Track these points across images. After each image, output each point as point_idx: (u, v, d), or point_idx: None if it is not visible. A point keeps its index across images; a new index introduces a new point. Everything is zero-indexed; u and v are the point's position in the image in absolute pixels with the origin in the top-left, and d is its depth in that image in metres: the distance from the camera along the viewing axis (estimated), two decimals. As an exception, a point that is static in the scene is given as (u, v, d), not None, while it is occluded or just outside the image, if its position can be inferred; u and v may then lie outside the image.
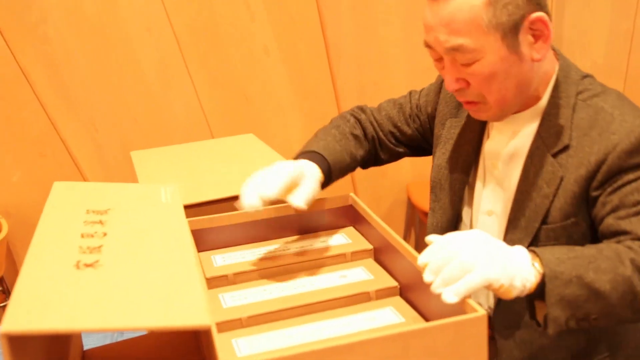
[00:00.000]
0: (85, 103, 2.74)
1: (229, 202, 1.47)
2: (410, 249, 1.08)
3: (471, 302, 0.91)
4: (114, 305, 0.81)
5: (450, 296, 0.93)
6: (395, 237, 1.14)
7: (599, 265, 1.03)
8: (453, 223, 1.39)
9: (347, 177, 2.88)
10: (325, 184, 1.32)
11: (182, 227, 1.09)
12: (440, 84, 1.47)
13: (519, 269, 1.00)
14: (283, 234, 1.35)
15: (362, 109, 1.54)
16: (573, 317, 1.04)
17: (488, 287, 0.96)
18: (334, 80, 3.02)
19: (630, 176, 1.14)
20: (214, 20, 2.79)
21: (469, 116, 1.35)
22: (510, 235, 1.26)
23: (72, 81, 2.71)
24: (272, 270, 1.21)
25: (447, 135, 1.41)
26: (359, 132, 1.48)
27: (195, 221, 1.28)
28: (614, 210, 1.14)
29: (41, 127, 2.71)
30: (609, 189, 1.15)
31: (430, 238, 1.02)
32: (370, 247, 1.26)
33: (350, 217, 1.38)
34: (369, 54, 3.06)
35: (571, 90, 1.23)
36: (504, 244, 1.02)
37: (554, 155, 1.20)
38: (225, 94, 2.88)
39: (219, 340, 0.86)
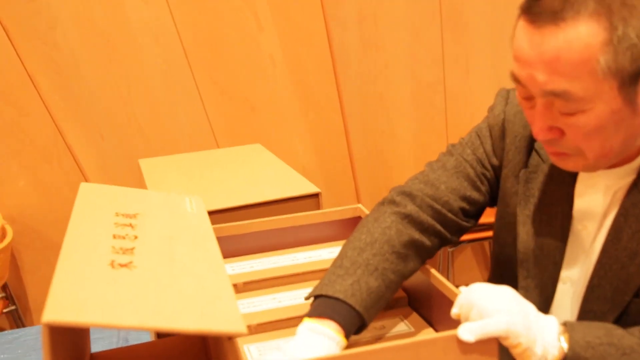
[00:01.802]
0: (91, 110, 2.75)
1: (238, 211, 1.48)
2: (419, 260, 1.09)
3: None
4: (151, 305, 0.82)
5: (464, 333, 0.85)
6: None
7: (633, 355, 0.90)
8: (550, 300, 1.12)
9: (350, 183, 2.89)
10: (355, 333, 1.02)
11: (209, 235, 1.10)
12: (501, 127, 1.17)
13: (544, 337, 0.90)
14: (292, 244, 1.36)
15: (407, 194, 1.15)
16: None
17: (506, 342, 0.87)
18: (339, 92, 3.04)
19: None
20: (221, 31, 2.81)
21: (551, 167, 1.09)
22: (591, 305, 1.06)
23: (79, 88, 2.72)
24: (281, 279, 1.22)
25: (525, 192, 1.13)
26: (408, 248, 1.09)
27: (205, 229, 1.29)
28: None
29: (47, 133, 2.72)
30: None
31: (461, 289, 0.94)
32: (379, 258, 1.27)
33: (359, 228, 1.39)
34: (374, 67, 3.08)
35: None
36: (534, 308, 0.92)
37: None
38: (232, 104, 2.89)
39: (236, 346, 0.87)
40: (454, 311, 0.92)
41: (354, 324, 0.99)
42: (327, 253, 1.31)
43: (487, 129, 1.18)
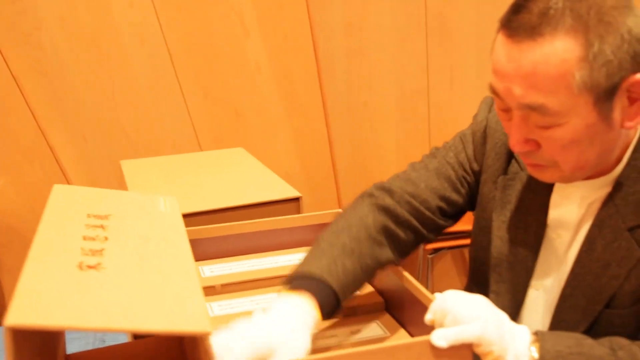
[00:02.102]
0: (75, 112, 2.74)
1: (219, 214, 1.48)
2: (397, 265, 1.10)
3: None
4: (118, 306, 0.83)
5: (438, 339, 0.86)
6: (383, 253, 1.15)
7: None
8: (521, 306, 1.14)
9: (332, 190, 2.89)
10: (330, 314, 1.01)
11: (181, 236, 1.11)
12: (483, 132, 1.19)
13: (515, 346, 0.90)
14: (272, 247, 1.36)
15: (386, 189, 1.17)
16: None
17: (478, 349, 0.88)
18: (324, 99, 3.05)
19: None
20: (207, 35, 2.81)
21: (529, 175, 1.10)
22: (564, 314, 1.07)
23: (63, 90, 2.71)
24: (260, 282, 1.22)
25: (502, 197, 1.14)
26: (382, 235, 1.11)
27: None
28: None
29: (30, 134, 2.71)
30: None
31: (435, 295, 0.94)
32: (357, 262, 1.28)
33: (338, 232, 1.39)
34: (359, 75, 3.09)
35: None
36: (507, 318, 0.93)
37: (631, 230, 0.99)
38: (216, 109, 2.89)
39: (208, 347, 0.87)
40: (428, 317, 0.93)
41: (330, 303, 0.98)
42: (306, 257, 1.31)
43: (470, 134, 1.20)
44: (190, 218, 1.44)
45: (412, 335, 1.07)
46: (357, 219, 1.11)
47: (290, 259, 1.30)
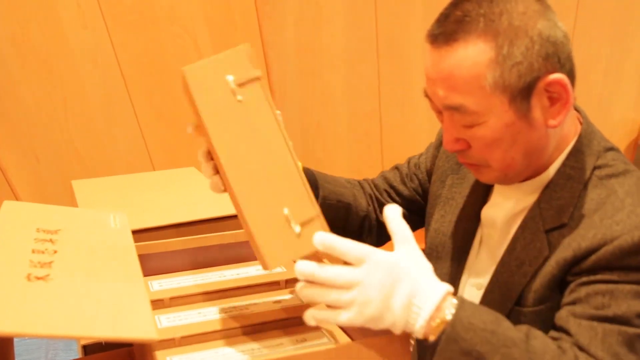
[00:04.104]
0: (27, 133, 2.73)
1: (169, 229, 1.49)
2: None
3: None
4: (65, 314, 0.84)
5: (309, 318, 0.93)
6: (329, 264, 1.18)
7: (512, 353, 0.90)
8: None
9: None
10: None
11: (130, 250, 1.12)
12: (440, 138, 1.28)
13: (405, 322, 0.91)
14: (220, 261, 1.38)
15: (364, 179, 1.39)
16: None
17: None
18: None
19: (613, 277, 0.97)
20: (160, 56, 2.83)
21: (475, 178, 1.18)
22: None
23: (15, 110, 2.70)
24: (207, 295, 1.24)
25: (447, 194, 1.23)
26: (359, 186, 1.33)
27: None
28: (574, 302, 0.99)
29: (-20, 155, 2.69)
30: (585, 279, 0.99)
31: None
32: (305, 275, 1.30)
33: (287, 247, 1.41)
34: (312, 97, 3.13)
35: (589, 163, 1.05)
36: (413, 289, 0.91)
37: (547, 232, 1.04)
38: (169, 129, 2.90)
39: (157, 356, 0.89)
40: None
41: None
42: (254, 270, 1.33)
43: (435, 140, 1.33)
44: (140, 234, 1.45)
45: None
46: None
47: (238, 272, 1.32)
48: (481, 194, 1.17)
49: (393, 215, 0.96)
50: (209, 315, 1.16)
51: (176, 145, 2.92)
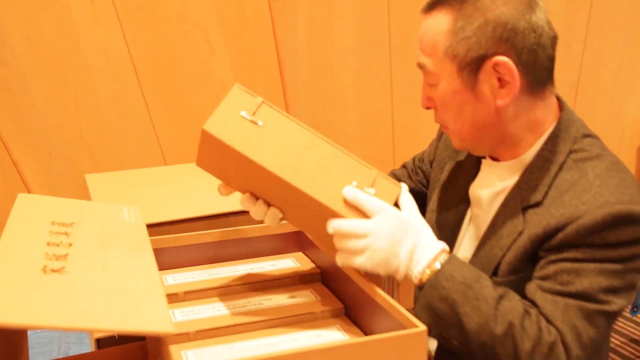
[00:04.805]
0: (39, 127, 2.74)
1: (183, 224, 1.49)
2: (356, 271, 1.12)
3: (412, 318, 0.95)
4: (81, 307, 0.84)
5: (339, 259, 1.09)
6: (343, 260, 1.18)
7: (481, 306, 1.04)
8: None
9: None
10: None
11: (145, 243, 1.12)
12: (441, 131, 1.40)
13: (406, 270, 1.08)
14: (233, 256, 1.38)
15: None
16: (436, 329, 1.08)
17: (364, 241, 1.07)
18: (288, 118, 3.07)
19: (578, 254, 1.05)
20: (173, 52, 2.83)
21: (468, 161, 1.29)
22: None
23: (27, 106, 2.70)
24: (221, 290, 1.24)
25: (444, 179, 1.33)
26: None
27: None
28: (543, 278, 1.08)
29: (-7, 150, 2.70)
30: (553, 257, 1.08)
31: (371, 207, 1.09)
32: (318, 271, 1.30)
33: (300, 242, 1.41)
34: (324, 95, 3.12)
35: (565, 147, 1.14)
36: (416, 243, 1.08)
37: (524, 209, 1.12)
38: (181, 124, 2.91)
39: (171, 350, 0.89)
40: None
41: None
42: (268, 265, 1.33)
43: (437, 134, 1.43)
44: (153, 228, 1.46)
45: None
46: None
47: (252, 268, 1.32)
48: (471, 176, 1.26)
49: (403, 190, 1.16)
50: (223, 309, 1.16)
51: (188, 140, 2.92)
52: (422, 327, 0.92)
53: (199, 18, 2.83)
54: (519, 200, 1.14)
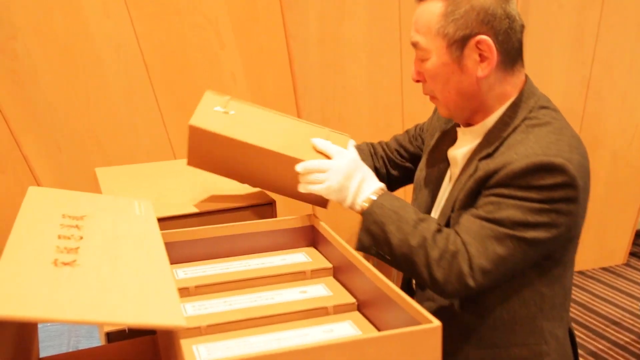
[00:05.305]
0: (49, 121, 2.74)
1: (194, 218, 1.49)
2: (369, 266, 1.12)
3: (426, 313, 0.94)
4: (93, 300, 0.83)
5: (301, 189, 1.39)
6: (355, 255, 1.17)
7: (402, 225, 1.31)
8: None
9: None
10: None
11: (156, 237, 1.12)
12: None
13: (354, 198, 1.37)
14: (245, 251, 1.37)
15: (378, 142, 1.75)
16: (374, 248, 1.34)
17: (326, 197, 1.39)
18: (299, 112, 3.07)
19: (504, 191, 1.28)
20: (183, 46, 2.83)
21: (451, 127, 1.52)
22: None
23: (38, 99, 2.71)
24: (232, 284, 1.23)
25: (433, 144, 1.56)
26: (370, 147, 1.72)
27: (159, 233, 1.30)
28: (476, 207, 1.32)
29: (3, 143, 2.69)
30: (486, 192, 1.31)
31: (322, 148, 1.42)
32: (330, 265, 1.29)
33: (311, 237, 1.41)
34: (334, 89, 3.12)
35: (522, 114, 1.35)
36: (363, 178, 1.38)
37: (479, 160, 1.34)
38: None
39: (182, 345, 0.88)
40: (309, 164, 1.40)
41: None
42: (279, 260, 1.33)
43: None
44: (164, 222, 1.45)
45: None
46: None
47: (263, 262, 1.32)
48: (452, 141, 1.48)
49: (351, 142, 1.49)
50: (235, 304, 1.16)
51: (198, 135, 2.91)
52: (436, 323, 0.91)
53: (209, 11, 2.82)
54: (478, 155, 1.35)
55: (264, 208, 1.55)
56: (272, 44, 2.96)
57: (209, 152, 1.46)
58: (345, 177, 1.37)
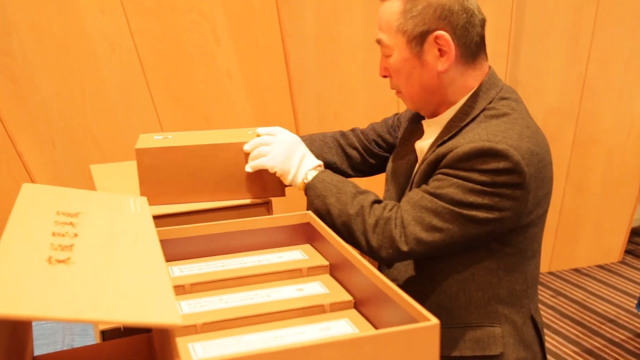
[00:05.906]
0: (44, 118, 2.73)
1: (190, 216, 1.48)
2: (366, 263, 1.11)
3: (424, 311, 0.93)
4: (87, 298, 0.82)
5: (247, 168, 1.52)
6: (352, 252, 1.16)
7: (342, 197, 1.41)
8: None
9: (301, 195, 2.93)
10: None
11: (151, 234, 1.11)
12: None
13: (296, 172, 1.49)
14: (241, 248, 1.36)
15: (352, 129, 1.81)
16: (322, 219, 1.38)
17: (271, 170, 1.50)
18: (294, 109, 3.06)
19: (449, 171, 1.36)
20: (178, 42, 2.82)
21: (419, 119, 1.58)
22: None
23: (32, 95, 2.69)
24: (228, 282, 1.23)
25: (403, 136, 1.64)
26: (342, 139, 1.76)
27: (154, 231, 1.29)
28: (425, 184, 1.40)
29: (-3, 139, 2.69)
30: (436, 173, 1.39)
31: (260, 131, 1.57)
32: (327, 263, 1.29)
33: (308, 234, 1.40)
34: (330, 85, 3.11)
35: (481, 105, 1.42)
36: (304, 154, 1.51)
37: (437, 146, 1.42)
38: (186, 115, 2.89)
39: (178, 343, 0.88)
40: (246, 147, 1.53)
41: None
42: (275, 257, 1.32)
43: None
44: (160, 219, 1.44)
45: (380, 332, 1.08)
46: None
47: (259, 260, 1.31)
48: (420, 134, 1.55)
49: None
50: (231, 302, 1.15)
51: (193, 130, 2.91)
52: (434, 321, 0.91)
53: (205, 8, 2.81)
54: (436, 143, 1.44)
55: (260, 207, 1.55)
56: (268, 41, 2.95)
57: (158, 175, 1.55)
58: (289, 149, 1.49)
